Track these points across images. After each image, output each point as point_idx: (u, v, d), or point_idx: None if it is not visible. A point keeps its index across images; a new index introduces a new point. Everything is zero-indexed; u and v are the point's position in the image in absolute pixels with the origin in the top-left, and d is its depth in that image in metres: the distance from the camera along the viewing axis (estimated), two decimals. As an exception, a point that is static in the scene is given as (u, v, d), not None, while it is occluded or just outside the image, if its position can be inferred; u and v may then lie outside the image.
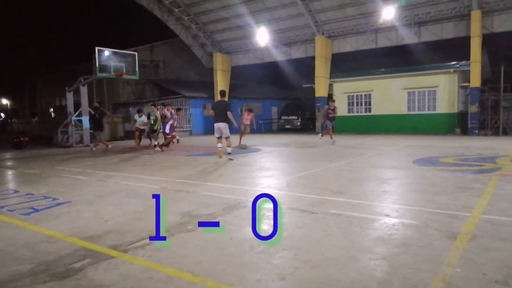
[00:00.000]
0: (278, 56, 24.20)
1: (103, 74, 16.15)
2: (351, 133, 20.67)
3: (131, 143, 16.12)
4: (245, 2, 21.71)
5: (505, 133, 16.94)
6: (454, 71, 18.61)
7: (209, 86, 26.02)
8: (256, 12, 22.15)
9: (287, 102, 29.18)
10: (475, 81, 17.19)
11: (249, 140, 16.56)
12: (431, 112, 19.32)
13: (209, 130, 21.35)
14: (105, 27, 44.84)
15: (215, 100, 25.77)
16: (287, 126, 26.56)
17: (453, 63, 18.66)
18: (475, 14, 16.92)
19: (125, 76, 17.29)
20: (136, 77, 17.55)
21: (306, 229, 3.96)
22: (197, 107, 25.18)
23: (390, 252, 3.27)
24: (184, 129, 23.85)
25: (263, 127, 27.98)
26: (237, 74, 27.55)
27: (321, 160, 9.73)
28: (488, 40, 18.11)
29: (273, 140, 17.38)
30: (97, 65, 15.49)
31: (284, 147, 14.22)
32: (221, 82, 25.66)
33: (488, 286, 2.61)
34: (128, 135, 20.75)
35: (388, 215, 4.42)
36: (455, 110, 18.66)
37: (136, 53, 17.40)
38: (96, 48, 15.52)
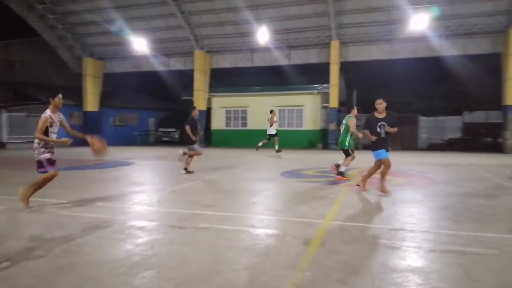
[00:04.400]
0: (157, 66, 23.64)
1: None
2: (228, 147, 21.31)
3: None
4: (117, 8, 20.64)
5: (356, 148, 19.60)
6: (318, 93, 20.91)
7: (77, 92, 23.82)
8: (132, 19, 21.30)
9: (165, 114, 28.59)
10: (334, 102, 19.62)
11: (122, 152, 15.66)
12: (299, 128, 21.24)
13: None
14: None
15: (85, 109, 23.77)
16: (165, 139, 25.98)
17: (316, 85, 20.95)
18: (334, 44, 19.38)
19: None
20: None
21: (173, 246, 3.90)
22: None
23: (252, 262, 3.43)
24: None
25: (139, 139, 26.81)
26: (111, 82, 25.91)
27: (198, 173, 9.76)
28: (345, 67, 20.88)
29: (148, 153, 16.77)
30: None
31: (160, 160, 13.84)
32: (91, 89, 23.78)
33: (331, 286, 2.95)
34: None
35: (254, 226, 4.66)
36: (318, 127, 20.91)
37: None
38: None
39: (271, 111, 15.49)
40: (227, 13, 19.86)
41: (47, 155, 5.28)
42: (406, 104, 25.16)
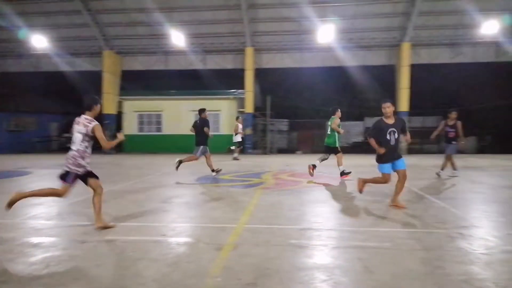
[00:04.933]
0: (62, 66, 21.70)
1: None
2: (142, 153, 20.43)
3: None
4: (12, 0, 18.56)
5: (271, 152, 20.28)
6: (234, 98, 21.15)
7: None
8: (30, 14, 19.32)
9: (71, 118, 26.37)
10: (249, 107, 20.04)
11: (17, 161, 14.06)
12: (216, 133, 21.20)
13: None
14: None
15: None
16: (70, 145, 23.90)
17: (232, 91, 21.18)
18: (249, 51, 19.82)
19: None
20: None
21: (72, 262, 3.57)
22: None
23: (161, 273, 3.29)
24: None
25: (39, 145, 24.30)
26: (6, 83, 23.09)
27: (105, 182, 9.11)
28: (261, 73, 21.47)
29: (50, 161, 15.28)
30: None
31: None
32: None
33: (241, 290, 2.96)
34: None
35: (165, 235, 4.49)
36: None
37: None
38: None
39: (237, 118, 15.29)
40: (138, 13, 19.10)
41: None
42: (315, 110, 26.74)
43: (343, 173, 9.42)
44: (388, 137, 5.71)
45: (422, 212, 5.69)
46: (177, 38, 19.30)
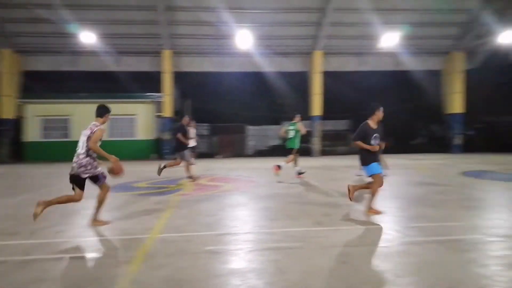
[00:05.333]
0: None
1: None
2: (47, 161, 18.64)
3: None
4: None
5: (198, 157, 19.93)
6: (151, 101, 20.39)
7: None
8: None
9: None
10: (168, 111, 19.49)
11: None
12: (132, 138, 20.24)
13: None
14: None
15: None
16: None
17: (149, 94, 20.40)
18: (167, 53, 19.29)
19: None
20: None
21: (-50, 291, 3.07)
22: None
23: (61, 294, 2.99)
24: None
25: None
26: None
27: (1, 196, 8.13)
28: (180, 77, 21.01)
29: None
30: None
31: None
32: None
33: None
34: None
35: (67, 252, 4.11)
36: (152, 137, 20.37)
37: None
38: None
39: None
40: (42, 9, 17.43)
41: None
42: (235, 114, 27.01)
43: (300, 173, 10.28)
44: (372, 142, 5.70)
45: (332, 211, 6.02)
46: (88, 37, 18.02)
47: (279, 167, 9.99)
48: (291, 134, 10.33)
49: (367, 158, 5.75)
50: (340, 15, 18.01)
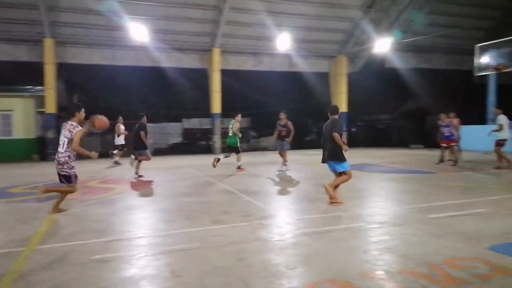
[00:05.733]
0: None
1: None
2: None
3: None
4: None
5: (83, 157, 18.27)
6: (30, 96, 18.08)
7: None
8: None
9: None
10: (51, 107, 17.49)
11: None
12: (8, 137, 17.72)
13: None
14: None
15: None
16: None
17: (28, 87, 18.09)
18: (48, 42, 17.27)
19: None
20: None
21: None
22: None
23: None
24: None
25: None
26: None
27: None
28: (65, 69, 19.02)
29: None
30: None
31: None
32: None
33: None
34: None
35: None
36: (32, 135, 18.10)
37: None
38: None
39: (118, 118, 14.23)
40: None
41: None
42: (132, 111, 25.62)
43: (239, 168, 10.78)
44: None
45: (230, 208, 6.07)
46: None
47: (218, 160, 10.53)
48: (230, 132, 10.81)
49: (343, 155, 6.12)
50: (236, 14, 18.31)
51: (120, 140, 14.56)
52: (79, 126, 5.53)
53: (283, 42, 18.80)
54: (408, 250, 3.83)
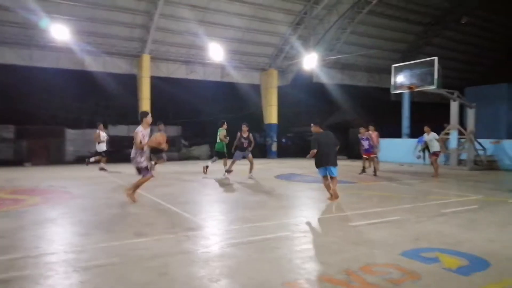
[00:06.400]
0: None
1: None
2: None
3: None
4: None
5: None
6: None
7: None
8: None
9: None
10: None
11: None
12: None
13: None
14: None
15: None
16: None
17: None
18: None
19: None
20: None
21: None
22: None
23: None
24: None
25: None
26: None
27: None
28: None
29: None
30: None
31: None
32: None
33: None
34: None
35: None
36: None
37: None
38: None
39: (98, 125, 14.15)
40: None
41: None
42: (51, 116, 23.70)
43: (228, 171, 11.36)
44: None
45: (155, 220, 5.82)
46: None
47: (207, 167, 11.68)
48: (218, 139, 11.71)
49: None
50: (167, 21, 18.00)
51: (101, 147, 14.06)
52: (141, 129, 6.85)
53: (216, 52, 18.83)
54: (328, 258, 3.97)
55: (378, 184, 10.55)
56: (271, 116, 22.79)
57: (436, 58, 14.19)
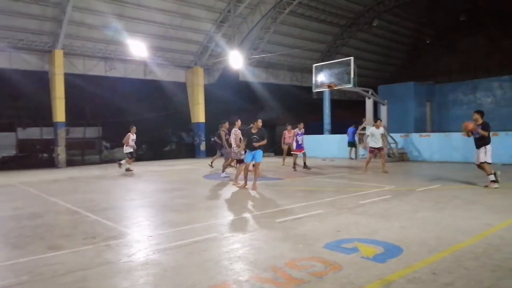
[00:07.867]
0: None
1: None
2: None
3: None
4: None
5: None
6: None
7: None
8: None
9: None
10: None
11: None
12: None
13: None
14: None
15: None
16: None
17: None
18: None
19: None
20: None
21: None
22: None
23: None
24: None
25: None
26: None
27: None
28: None
29: None
30: None
31: None
32: None
33: None
34: None
35: None
36: None
37: None
38: None
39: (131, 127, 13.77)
40: None
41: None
42: None
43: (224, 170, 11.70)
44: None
45: (72, 230, 5.39)
46: None
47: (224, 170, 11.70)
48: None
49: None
50: (82, 14, 16.78)
51: (127, 149, 13.96)
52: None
53: (138, 48, 18.01)
54: (256, 257, 4.01)
55: (303, 179, 10.97)
56: (199, 114, 22.49)
57: (352, 58, 15.15)
